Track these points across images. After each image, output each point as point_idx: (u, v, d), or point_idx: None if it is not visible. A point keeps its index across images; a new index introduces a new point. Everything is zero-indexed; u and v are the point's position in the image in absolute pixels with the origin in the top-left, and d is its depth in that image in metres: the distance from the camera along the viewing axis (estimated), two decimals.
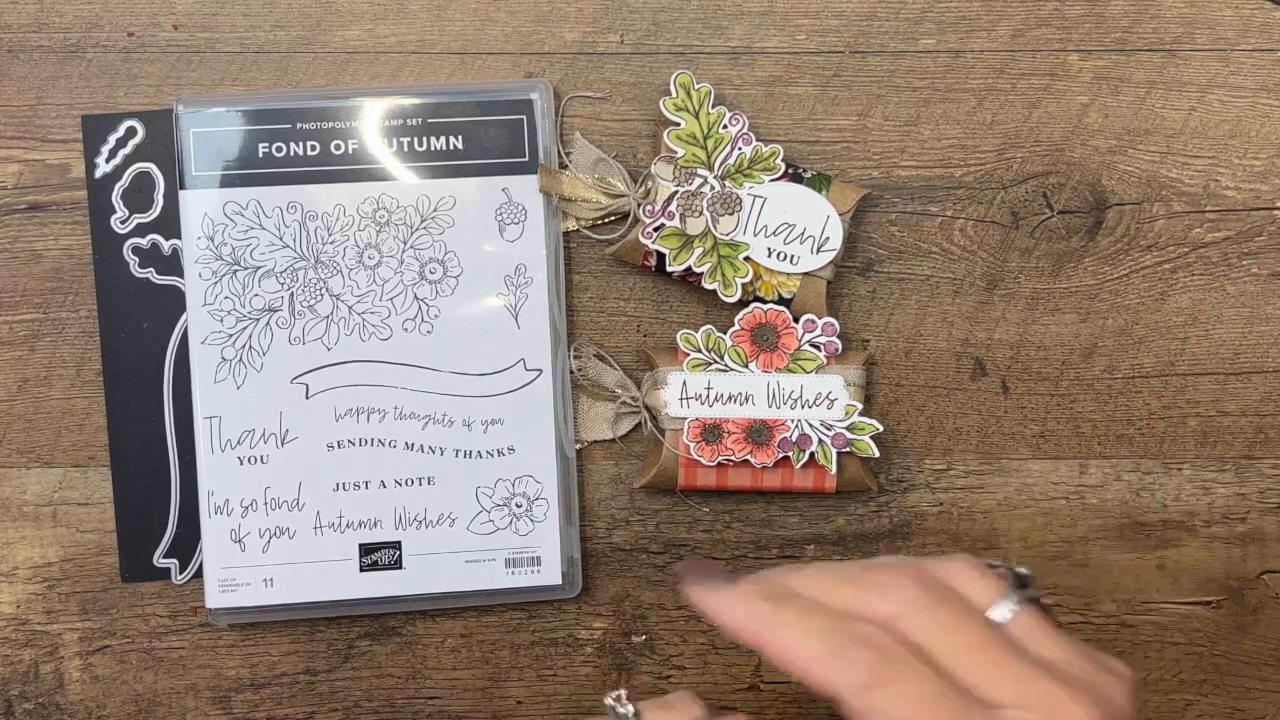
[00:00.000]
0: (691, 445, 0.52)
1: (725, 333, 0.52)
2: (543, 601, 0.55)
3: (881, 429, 0.52)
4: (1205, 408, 0.55)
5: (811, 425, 0.52)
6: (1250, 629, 0.56)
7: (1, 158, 0.54)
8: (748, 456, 0.52)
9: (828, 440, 0.52)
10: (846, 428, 0.52)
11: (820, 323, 0.52)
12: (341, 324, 0.53)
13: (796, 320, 0.52)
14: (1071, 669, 0.34)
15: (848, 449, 0.52)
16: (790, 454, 0.52)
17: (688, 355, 0.52)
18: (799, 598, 0.36)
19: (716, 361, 0.52)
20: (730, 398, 0.52)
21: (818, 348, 0.52)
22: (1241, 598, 0.55)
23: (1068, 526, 0.55)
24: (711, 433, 0.52)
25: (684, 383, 0.52)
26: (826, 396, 0.52)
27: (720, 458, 0.52)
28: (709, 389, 0.52)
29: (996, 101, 0.54)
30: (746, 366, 0.52)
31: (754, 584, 0.37)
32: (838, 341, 0.52)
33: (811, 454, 0.52)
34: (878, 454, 0.52)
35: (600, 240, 0.54)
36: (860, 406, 0.52)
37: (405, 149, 0.53)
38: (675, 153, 0.52)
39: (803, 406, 0.52)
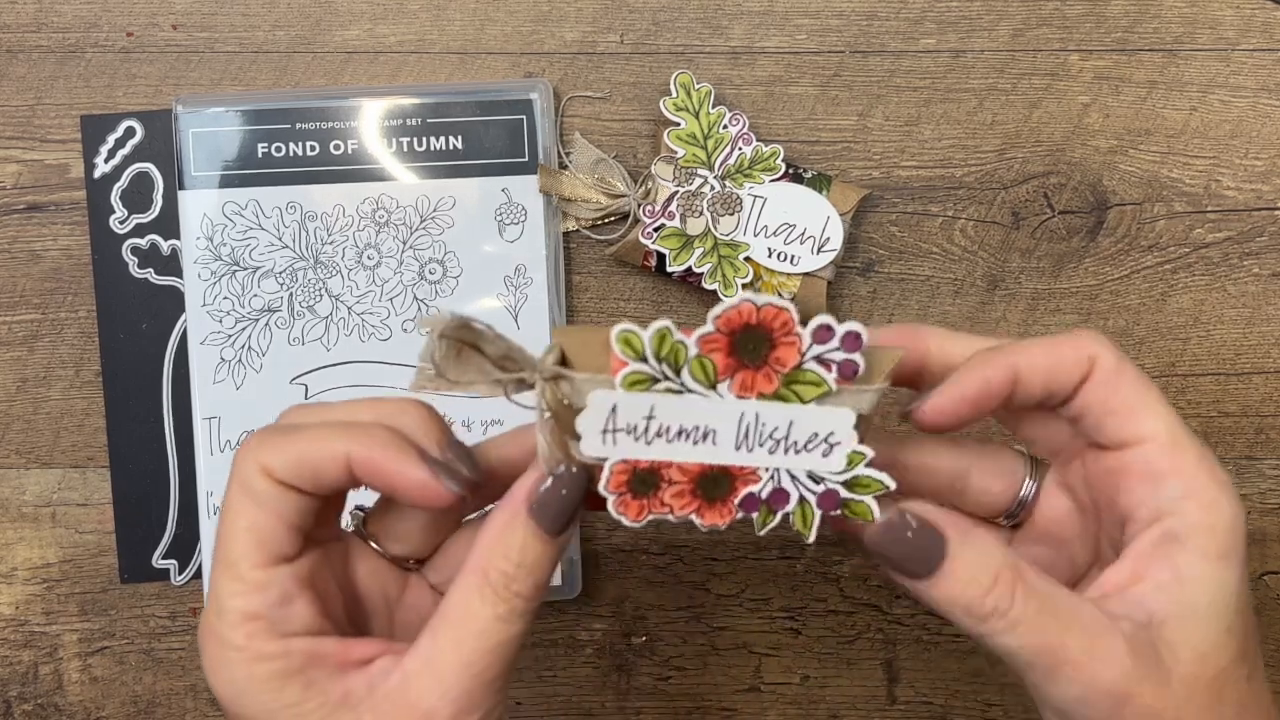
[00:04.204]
0: (611, 499, 0.34)
1: (691, 336, 0.32)
2: (542, 603, 0.55)
3: (894, 486, 0.34)
4: (1206, 408, 0.55)
5: (795, 478, 0.35)
6: None
7: (0, 158, 0.54)
8: (691, 517, 0.35)
9: (812, 501, 0.35)
10: (844, 482, 0.35)
11: (840, 330, 0.33)
12: (341, 324, 0.53)
13: (804, 324, 0.33)
14: None
15: (838, 511, 0.35)
16: (754, 515, 0.35)
17: (625, 365, 0.32)
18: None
19: (669, 378, 0.33)
20: (681, 434, 0.33)
21: (828, 366, 0.33)
22: None
23: None
24: (644, 482, 0.34)
25: (613, 407, 0.32)
26: (824, 439, 0.34)
27: (650, 515, 0.35)
28: (649, 420, 0.33)
29: (997, 101, 0.54)
30: (713, 388, 0.33)
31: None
32: (859, 360, 0.33)
33: (786, 515, 0.35)
34: (878, 518, 0.35)
35: (600, 240, 0.54)
36: (869, 454, 0.34)
37: (405, 149, 0.53)
38: (675, 153, 0.52)
39: (787, 451, 0.34)
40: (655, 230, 0.52)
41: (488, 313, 0.53)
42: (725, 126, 0.52)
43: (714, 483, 0.34)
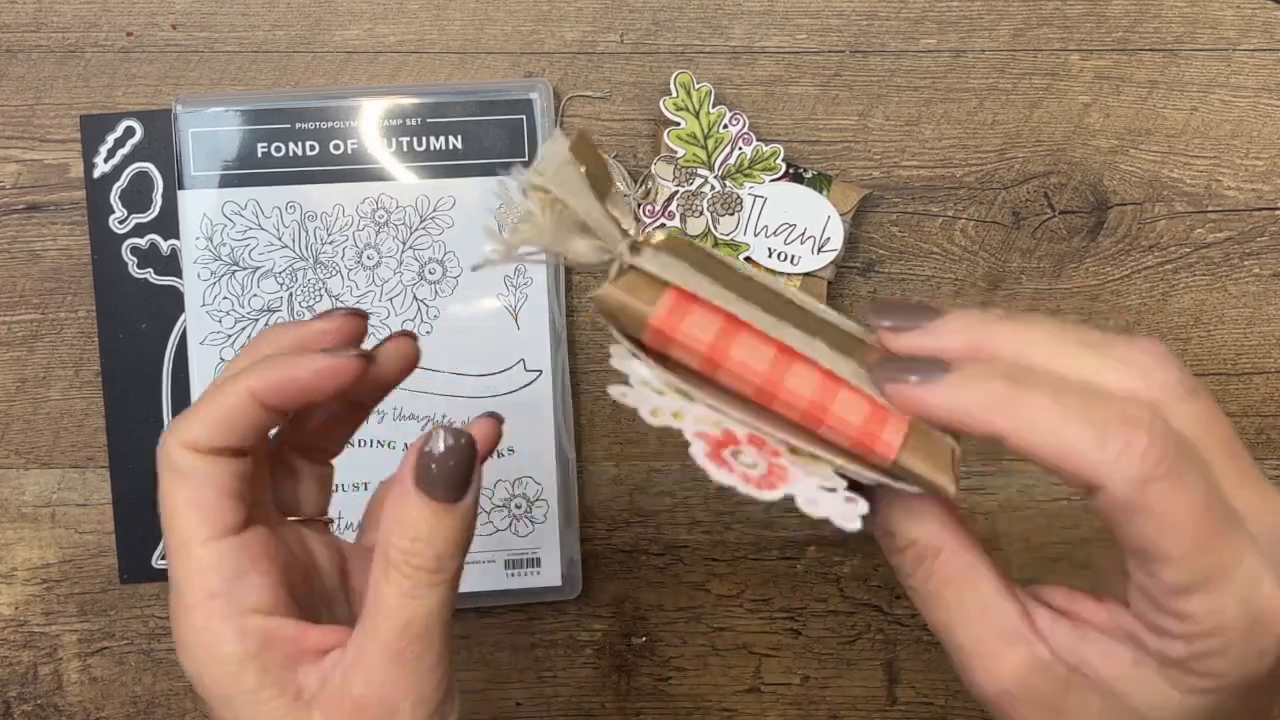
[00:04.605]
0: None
1: (697, 438, 0.29)
2: (542, 603, 0.55)
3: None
4: None
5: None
6: None
7: (0, 157, 0.54)
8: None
9: None
10: None
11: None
12: None
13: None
14: None
15: None
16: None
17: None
18: (1038, 373, 0.29)
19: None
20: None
21: None
22: None
23: (1069, 528, 0.55)
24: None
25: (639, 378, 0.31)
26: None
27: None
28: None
29: (998, 101, 0.54)
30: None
31: (977, 365, 0.29)
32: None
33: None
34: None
35: None
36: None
37: (404, 149, 0.53)
38: (675, 153, 0.52)
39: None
40: (655, 230, 0.52)
41: (488, 313, 0.53)
42: (725, 126, 0.52)
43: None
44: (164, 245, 0.53)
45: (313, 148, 0.53)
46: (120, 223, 0.53)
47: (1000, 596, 0.31)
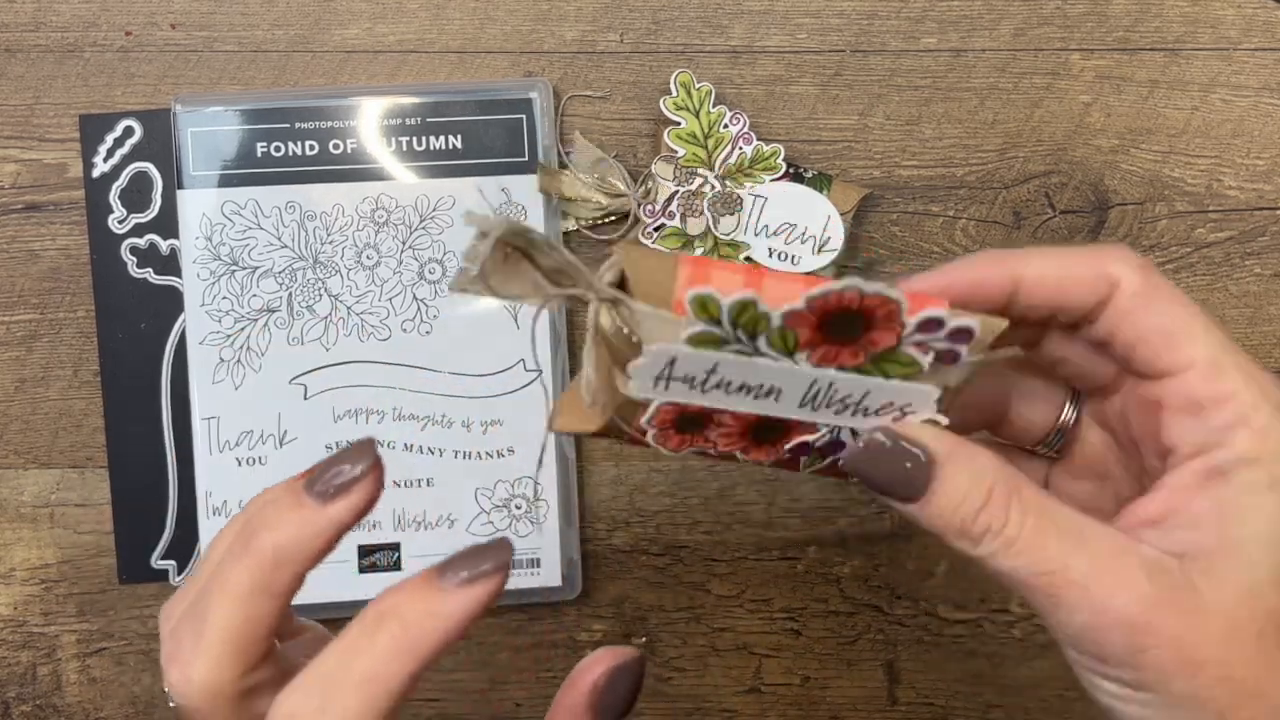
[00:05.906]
0: (652, 431, 0.31)
1: (777, 308, 0.28)
2: (542, 604, 0.55)
3: (945, 423, 0.32)
4: None
5: (856, 434, 0.32)
6: None
7: None
8: (735, 453, 0.33)
9: None
10: None
11: (951, 324, 0.29)
12: (340, 324, 0.53)
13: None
14: None
15: None
16: (804, 458, 0.33)
17: (694, 326, 0.28)
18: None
19: (741, 343, 0.29)
20: (742, 388, 0.30)
21: (924, 349, 0.30)
22: None
23: None
24: (691, 422, 0.31)
25: (672, 360, 0.29)
26: (900, 409, 0.31)
27: (690, 449, 0.33)
28: (710, 375, 0.29)
29: (998, 101, 0.54)
30: (790, 356, 0.29)
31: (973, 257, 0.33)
32: (963, 351, 0.30)
33: (835, 462, 0.33)
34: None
35: (600, 240, 0.54)
36: (944, 423, 0.31)
37: (404, 148, 0.53)
38: (675, 152, 0.52)
39: (855, 414, 0.31)
40: (655, 230, 0.52)
41: (486, 313, 0.53)
42: (726, 126, 0.52)
43: (767, 429, 0.31)
44: (163, 245, 0.53)
45: (312, 147, 0.52)
46: (119, 222, 0.53)
47: (1081, 516, 0.30)
